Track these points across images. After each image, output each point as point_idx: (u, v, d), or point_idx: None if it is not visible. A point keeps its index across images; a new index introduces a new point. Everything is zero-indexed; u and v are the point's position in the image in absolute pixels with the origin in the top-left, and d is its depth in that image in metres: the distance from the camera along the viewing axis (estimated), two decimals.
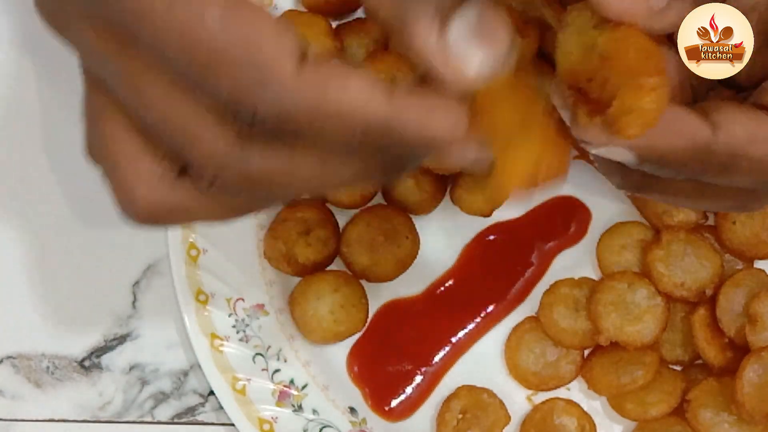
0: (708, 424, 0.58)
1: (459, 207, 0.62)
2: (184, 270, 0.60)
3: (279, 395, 0.60)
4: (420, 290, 0.63)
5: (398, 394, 0.62)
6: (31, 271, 0.63)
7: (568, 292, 0.61)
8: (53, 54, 0.49)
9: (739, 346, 0.58)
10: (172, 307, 0.62)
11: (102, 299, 0.63)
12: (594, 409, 0.62)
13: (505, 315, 0.63)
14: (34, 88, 0.63)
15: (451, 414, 0.60)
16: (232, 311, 0.61)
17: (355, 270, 0.61)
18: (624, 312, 0.59)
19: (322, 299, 0.60)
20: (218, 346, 0.60)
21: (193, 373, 0.62)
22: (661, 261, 0.59)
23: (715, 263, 0.59)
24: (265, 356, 0.61)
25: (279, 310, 0.62)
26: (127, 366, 0.63)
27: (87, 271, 0.63)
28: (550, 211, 0.63)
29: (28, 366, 0.63)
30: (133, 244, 0.63)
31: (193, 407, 0.63)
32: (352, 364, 0.62)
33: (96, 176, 0.41)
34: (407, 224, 0.61)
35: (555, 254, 0.63)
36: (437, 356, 0.62)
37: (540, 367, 0.61)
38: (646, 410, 0.59)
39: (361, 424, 0.61)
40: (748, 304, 0.58)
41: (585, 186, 0.63)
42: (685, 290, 0.59)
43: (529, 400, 0.62)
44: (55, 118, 0.63)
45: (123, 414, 0.62)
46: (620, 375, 0.59)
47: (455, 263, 0.63)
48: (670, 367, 0.61)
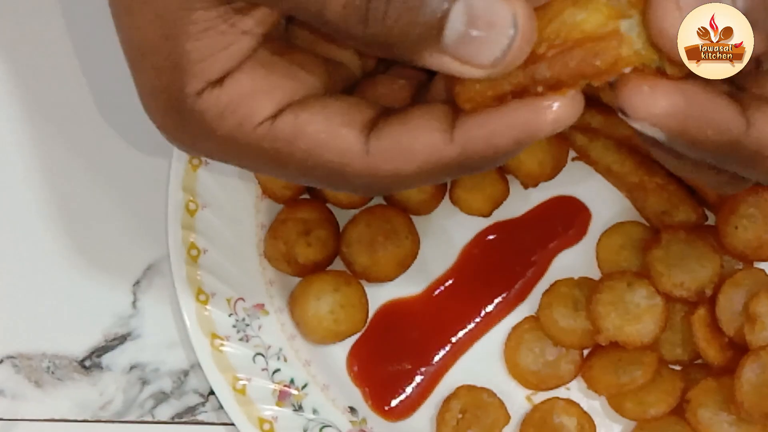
0: (707, 423, 0.58)
1: (459, 207, 0.62)
2: (184, 270, 0.60)
3: (279, 395, 0.60)
4: (420, 290, 0.63)
5: (398, 393, 0.62)
6: (32, 271, 0.63)
7: (567, 292, 0.61)
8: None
9: (738, 345, 0.58)
10: (172, 306, 0.62)
11: (102, 299, 0.63)
12: (593, 409, 0.62)
13: (505, 315, 0.63)
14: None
15: (451, 414, 0.61)
16: (233, 311, 0.61)
17: (355, 270, 0.61)
18: (623, 312, 0.59)
19: (322, 299, 0.60)
20: (218, 346, 0.60)
21: (193, 373, 0.63)
22: (660, 261, 0.59)
23: (714, 263, 0.59)
24: (266, 356, 0.61)
25: (279, 310, 0.62)
26: (128, 366, 0.63)
27: (87, 271, 0.63)
28: (550, 211, 0.63)
29: (29, 366, 0.63)
30: (133, 244, 0.63)
31: (194, 407, 0.63)
32: (352, 364, 0.62)
33: (93, 176, 0.41)
34: (407, 224, 0.61)
35: (555, 254, 0.63)
36: (437, 356, 0.62)
37: (539, 366, 0.61)
38: (646, 410, 0.59)
39: (361, 424, 0.61)
40: (748, 303, 0.58)
41: (585, 186, 0.63)
42: (684, 290, 0.59)
43: (529, 399, 0.62)
44: (57, 121, 0.63)
45: (123, 414, 0.62)
46: (620, 375, 0.59)
47: (455, 263, 0.63)
48: (669, 366, 0.61)
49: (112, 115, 0.63)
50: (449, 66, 0.37)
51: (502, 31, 0.36)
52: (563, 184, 0.63)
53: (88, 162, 0.63)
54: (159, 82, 0.40)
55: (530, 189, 0.63)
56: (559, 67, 0.37)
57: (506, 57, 0.37)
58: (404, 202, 0.61)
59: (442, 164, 0.39)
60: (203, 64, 0.39)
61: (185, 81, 0.39)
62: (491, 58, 0.37)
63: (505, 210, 0.63)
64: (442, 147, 0.39)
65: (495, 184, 0.62)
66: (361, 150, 0.39)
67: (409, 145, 0.39)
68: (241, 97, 0.40)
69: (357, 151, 0.39)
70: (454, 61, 0.37)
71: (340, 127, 0.39)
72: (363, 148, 0.39)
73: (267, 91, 0.40)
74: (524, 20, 0.36)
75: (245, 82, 0.40)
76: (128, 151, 0.63)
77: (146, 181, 0.63)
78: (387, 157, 0.39)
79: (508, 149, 0.38)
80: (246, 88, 0.40)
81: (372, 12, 0.37)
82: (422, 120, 0.39)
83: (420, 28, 0.37)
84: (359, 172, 0.40)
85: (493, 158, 0.39)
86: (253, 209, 0.62)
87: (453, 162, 0.39)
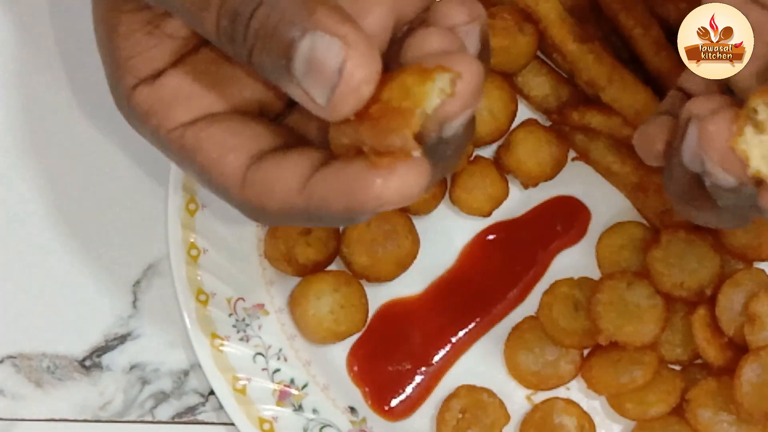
0: (707, 423, 0.58)
1: (459, 207, 0.62)
2: (184, 270, 0.60)
3: (279, 395, 0.60)
4: (420, 290, 0.63)
5: (398, 393, 0.62)
6: (32, 271, 0.63)
7: (567, 292, 0.61)
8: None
9: (738, 345, 0.58)
10: (172, 306, 0.62)
11: (102, 299, 0.63)
12: (593, 409, 0.62)
13: (505, 315, 0.63)
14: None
15: (451, 413, 0.61)
16: (233, 311, 0.61)
17: (355, 270, 0.61)
18: (623, 312, 0.59)
19: (322, 299, 0.60)
20: (218, 346, 0.60)
21: (193, 373, 0.62)
22: (660, 261, 0.59)
23: (714, 263, 0.59)
24: (266, 356, 0.61)
25: (279, 310, 0.62)
26: (128, 366, 0.63)
27: (87, 271, 0.63)
28: (550, 211, 0.63)
29: (29, 366, 0.63)
30: (133, 244, 0.63)
31: (194, 407, 0.63)
32: (352, 364, 0.62)
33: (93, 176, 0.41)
34: (407, 224, 0.61)
35: (555, 254, 0.63)
36: (437, 356, 0.62)
37: (539, 366, 0.61)
38: (646, 410, 0.59)
39: (361, 424, 0.61)
40: (748, 303, 0.58)
41: (585, 186, 0.63)
42: (684, 290, 0.59)
43: (529, 399, 0.62)
44: (57, 121, 0.63)
45: (123, 414, 0.62)
46: (620, 374, 0.59)
47: (455, 263, 0.63)
48: (669, 366, 0.61)
49: (112, 115, 0.63)
50: (302, 99, 0.36)
51: (328, 74, 0.35)
52: (563, 184, 0.63)
53: (88, 162, 0.63)
54: (109, 76, 0.43)
55: (530, 189, 0.63)
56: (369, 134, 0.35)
57: (331, 103, 0.35)
58: None
59: (296, 211, 0.38)
60: (132, 61, 0.41)
61: (120, 75, 0.42)
62: (323, 99, 0.36)
63: (505, 210, 0.63)
64: (295, 195, 0.38)
65: (495, 184, 0.62)
66: (239, 178, 0.40)
67: (271, 185, 0.39)
68: (163, 100, 0.41)
69: (235, 179, 0.40)
70: (303, 94, 0.36)
71: (229, 152, 0.40)
72: (241, 177, 0.40)
73: (188, 99, 0.41)
74: (352, 69, 0.35)
75: (171, 86, 0.41)
76: (128, 151, 0.63)
77: (146, 181, 0.63)
78: (256, 191, 0.39)
79: (344, 215, 0.37)
80: (170, 92, 0.41)
81: (236, 35, 0.37)
82: (292, 162, 0.39)
83: (273, 55, 0.36)
84: (237, 199, 0.40)
85: (335, 218, 0.38)
86: None
87: (302, 212, 0.38)
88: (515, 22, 0.60)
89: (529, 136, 0.61)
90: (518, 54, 0.61)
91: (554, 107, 0.62)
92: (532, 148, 0.61)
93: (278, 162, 0.39)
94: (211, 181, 0.41)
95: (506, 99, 0.62)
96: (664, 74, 0.58)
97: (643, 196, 0.62)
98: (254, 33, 0.36)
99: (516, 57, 0.61)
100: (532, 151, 0.61)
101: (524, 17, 0.60)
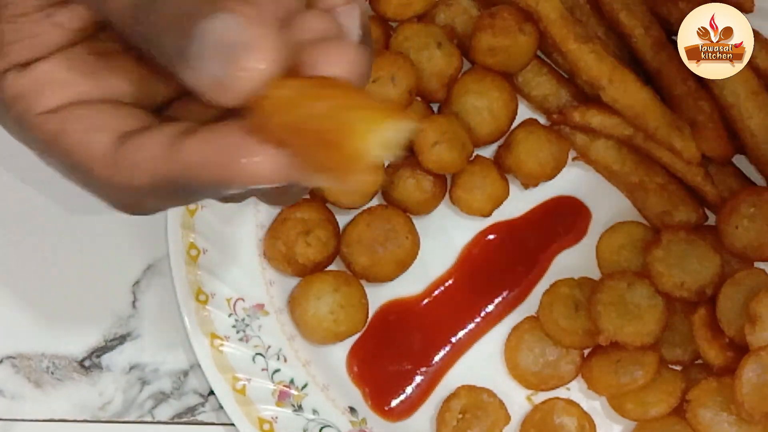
0: (708, 423, 0.58)
1: (459, 207, 0.62)
2: (184, 270, 0.60)
3: (279, 395, 0.60)
4: (420, 290, 0.63)
5: (398, 394, 0.62)
6: (31, 271, 0.63)
7: (568, 292, 0.61)
8: None
9: (739, 345, 0.58)
10: (172, 307, 0.62)
11: (102, 299, 0.63)
12: (594, 409, 0.62)
13: (505, 315, 0.63)
14: None
15: (451, 414, 0.61)
16: (232, 311, 0.61)
17: (355, 270, 0.61)
18: (624, 312, 0.59)
19: (322, 299, 0.60)
20: (218, 346, 0.60)
21: (193, 373, 0.62)
22: (660, 261, 0.59)
23: (714, 263, 0.59)
24: (265, 356, 0.61)
25: (279, 310, 0.62)
26: (127, 366, 0.63)
27: (87, 271, 0.63)
28: (550, 211, 0.63)
29: (28, 366, 0.63)
30: (133, 244, 0.63)
31: (193, 407, 0.63)
32: (352, 364, 0.62)
33: None
34: (407, 224, 0.61)
35: (555, 254, 0.63)
36: (437, 356, 0.62)
37: (540, 366, 0.61)
38: (646, 410, 0.60)
39: (361, 424, 0.61)
40: (748, 303, 0.58)
41: (585, 186, 0.63)
42: (684, 290, 0.59)
43: (529, 399, 0.62)
44: None
45: (123, 414, 0.62)
46: (620, 375, 0.59)
47: (455, 263, 0.63)
48: (669, 366, 0.61)
49: None
50: (197, 83, 0.35)
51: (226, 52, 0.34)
52: (563, 184, 0.63)
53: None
54: None
55: (530, 189, 0.63)
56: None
57: (226, 81, 0.34)
58: (404, 202, 0.61)
59: (165, 183, 0.37)
60: (11, 46, 0.40)
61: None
62: (219, 78, 0.34)
63: (505, 210, 0.63)
64: (161, 163, 0.37)
65: (495, 184, 0.62)
66: (106, 156, 0.38)
67: (137, 156, 0.37)
68: (34, 85, 0.40)
69: (101, 156, 0.38)
70: (199, 76, 0.35)
71: (96, 131, 0.39)
72: (108, 155, 0.38)
73: (60, 85, 0.40)
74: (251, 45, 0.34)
75: (44, 71, 0.40)
76: None
77: None
78: (123, 166, 0.38)
79: (215, 184, 0.36)
80: (41, 77, 0.40)
81: (140, 15, 0.36)
82: (159, 131, 0.38)
83: (172, 36, 0.35)
84: (103, 182, 0.39)
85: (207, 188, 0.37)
86: (253, 209, 0.62)
87: (171, 183, 0.37)
88: (515, 22, 0.60)
89: (529, 136, 0.61)
90: (518, 54, 0.61)
91: (554, 107, 0.62)
92: (533, 148, 0.61)
93: (145, 133, 0.38)
94: (76, 166, 0.39)
95: (506, 99, 0.61)
96: (664, 74, 0.58)
97: (643, 196, 0.62)
98: (158, 14, 0.35)
99: (516, 57, 0.61)
100: (533, 151, 0.61)
101: (524, 17, 0.60)
